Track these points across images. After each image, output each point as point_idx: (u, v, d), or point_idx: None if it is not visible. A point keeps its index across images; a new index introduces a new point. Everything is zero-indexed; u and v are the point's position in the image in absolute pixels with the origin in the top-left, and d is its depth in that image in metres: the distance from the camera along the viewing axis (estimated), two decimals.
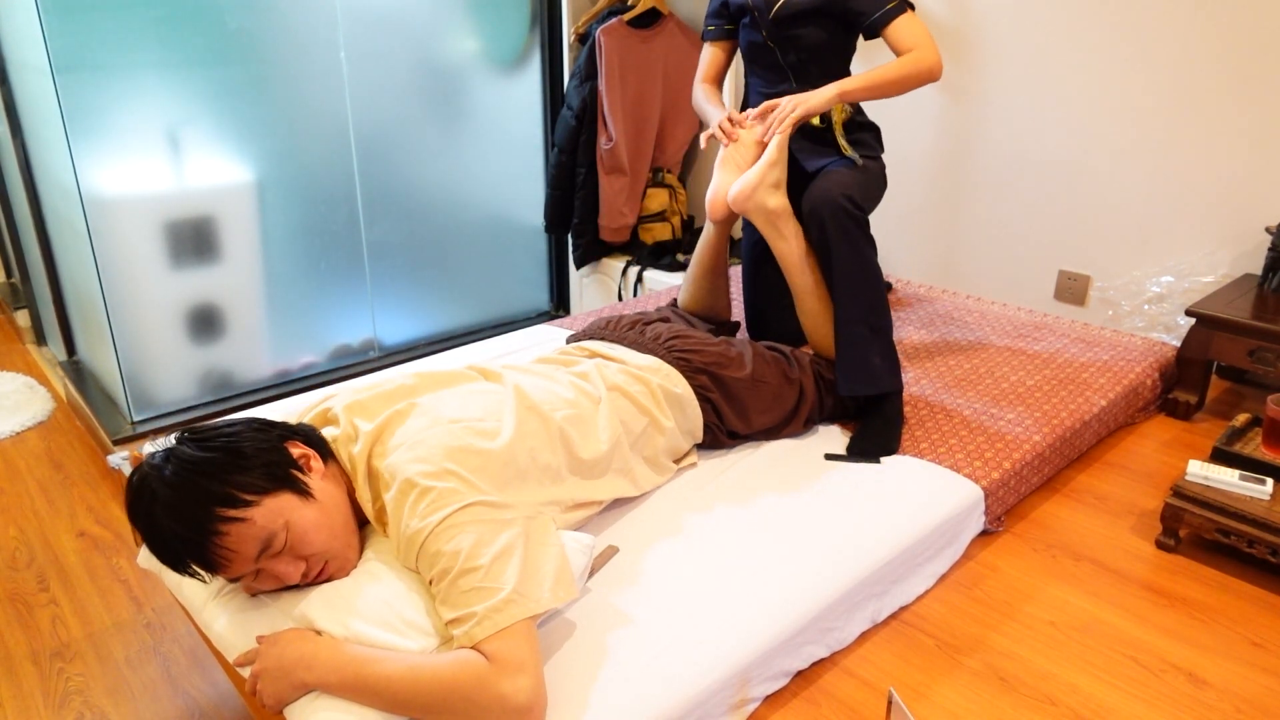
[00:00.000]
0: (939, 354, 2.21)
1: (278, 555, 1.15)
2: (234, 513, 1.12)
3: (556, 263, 3.65)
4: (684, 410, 1.62)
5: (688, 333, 1.74)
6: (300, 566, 1.17)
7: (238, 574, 1.16)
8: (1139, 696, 1.29)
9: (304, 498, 1.17)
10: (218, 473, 1.13)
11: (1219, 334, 2.04)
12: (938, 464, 1.69)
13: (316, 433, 1.29)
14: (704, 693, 1.15)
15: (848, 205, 1.73)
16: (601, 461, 1.43)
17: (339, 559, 1.20)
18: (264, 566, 1.16)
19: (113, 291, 2.52)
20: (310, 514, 1.17)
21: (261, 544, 1.13)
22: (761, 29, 1.93)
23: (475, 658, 1.03)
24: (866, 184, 1.87)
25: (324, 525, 1.18)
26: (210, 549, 1.12)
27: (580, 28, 3.27)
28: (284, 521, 1.14)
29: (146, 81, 2.46)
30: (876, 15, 1.84)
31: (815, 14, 1.88)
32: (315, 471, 1.22)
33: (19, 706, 1.64)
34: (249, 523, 1.12)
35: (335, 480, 1.25)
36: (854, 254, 1.75)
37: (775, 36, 1.92)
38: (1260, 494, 1.57)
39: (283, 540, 1.14)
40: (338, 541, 1.20)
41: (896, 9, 1.83)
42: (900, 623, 1.44)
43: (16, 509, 2.29)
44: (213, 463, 1.14)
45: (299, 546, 1.16)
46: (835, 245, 1.75)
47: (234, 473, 1.14)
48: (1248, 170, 2.21)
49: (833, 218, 1.73)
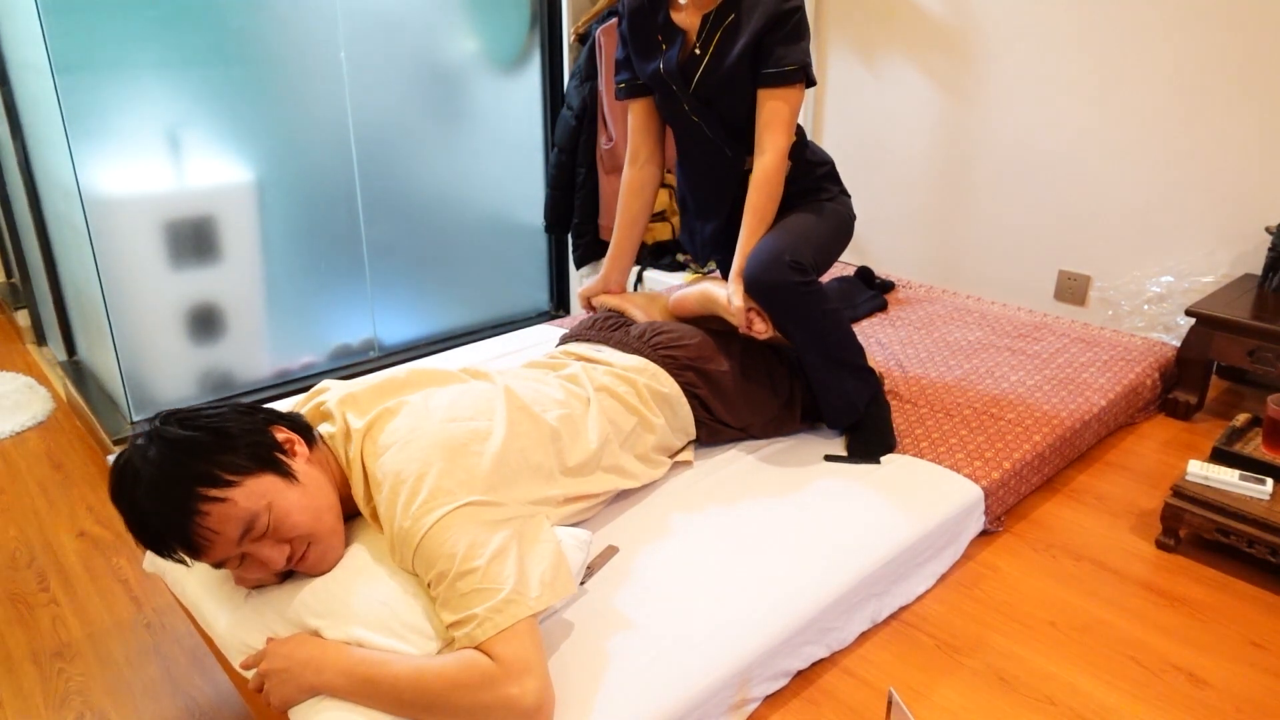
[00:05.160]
0: (939, 354, 2.21)
1: (261, 538, 1.14)
2: (216, 492, 1.11)
3: (556, 263, 3.65)
4: (673, 408, 1.61)
5: (671, 327, 1.72)
6: (284, 550, 1.16)
7: (221, 557, 1.15)
8: (1139, 696, 1.29)
9: (287, 480, 1.17)
10: (201, 452, 1.12)
11: (1219, 334, 2.03)
12: (938, 464, 1.69)
13: (302, 419, 1.29)
14: (704, 693, 1.15)
15: (788, 273, 1.55)
16: (591, 461, 1.43)
17: (323, 544, 1.19)
18: (248, 550, 1.15)
19: (113, 291, 2.52)
20: (293, 496, 1.16)
21: (244, 525, 1.12)
22: (682, 103, 1.71)
23: (481, 659, 1.03)
24: (818, 235, 1.68)
25: (307, 508, 1.17)
26: (192, 529, 1.10)
27: (580, 28, 3.27)
28: (266, 503, 1.13)
29: (147, 81, 2.46)
30: (770, 72, 1.61)
31: (739, 70, 1.63)
32: (300, 456, 1.22)
33: (19, 706, 1.64)
34: (230, 503, 1.11)
35: (321, 466, 1.24)
36: (807, 319, 1.61)
37: (701, 111, 1.70)
38: (1260, 494, 1.57)
39: (265, 522, 1.13)
40: (321, 525, 1.19)
41: (793, 74, 1.61)
42: (900, 623, 1.44)
43: (16, 509, 2.29)
44: (196, 442, 1.13)
45: (282, 529, 1.15)
46: (780, 321, 1.62)
47: (217, 452, 1.13)
48: (1248, 170, 2.21)
49: (773, 293, 1.57)
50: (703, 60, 1.65)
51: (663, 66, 1.69)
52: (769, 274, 1.56)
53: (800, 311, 1.60)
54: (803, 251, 1.59)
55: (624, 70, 1.79)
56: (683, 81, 1.68)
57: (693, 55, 1.66)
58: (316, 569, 1.20)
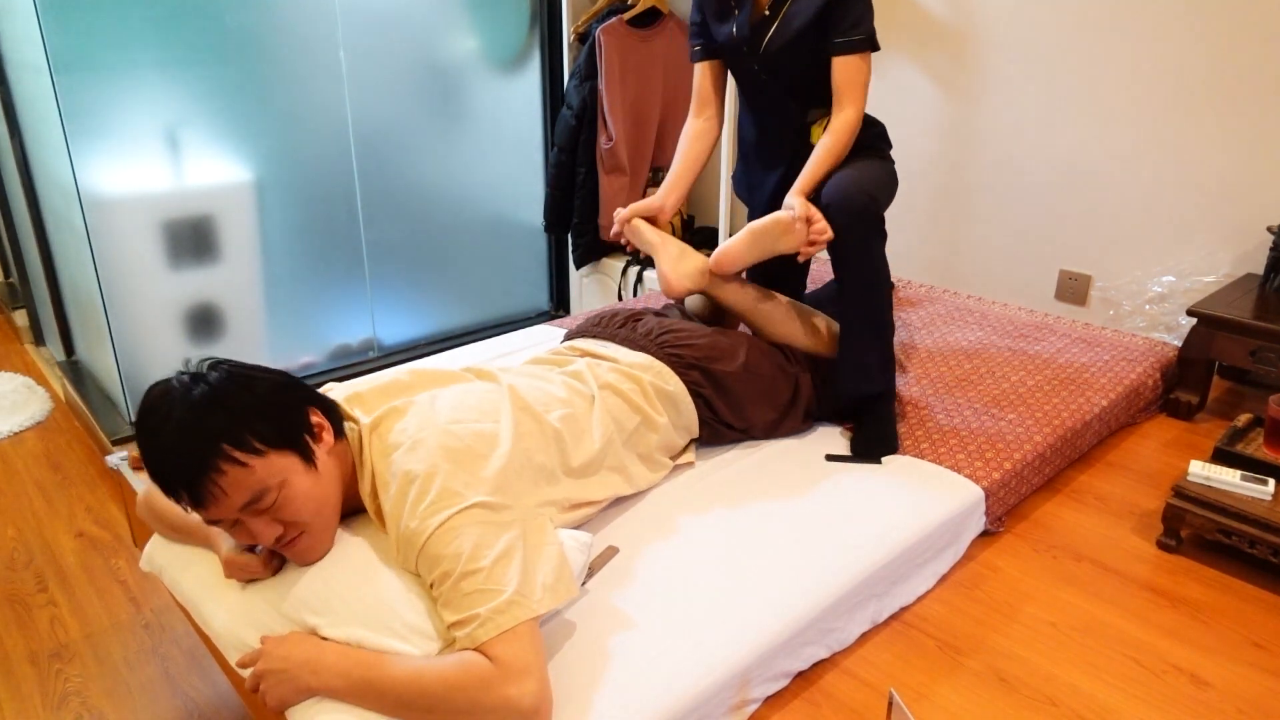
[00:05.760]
0: (940, 354, 2.20)
1: (261, 512, 1.14)
2: (240, 455, 1.10)
3: (556, 263, 3.65)
4: (677, 407, 1.61)
5: (679, 326, 1.72)
6: (276, 530, 1.16)
7: (218, 517, 1.14)
8: (1140, 697, 1.29)
9: (307, 465, 1.17)
10: (239, 411, 1.12)
11: (1220, 334, 2.03)
12: (938, 464, 1.68)
13: (337, 408, 1.28)
14: (704, 694, 1.15)
15: (869, 204, 1.68)
16: (595, 461, 1.43)
17: (314, 536, 1.19)
18: (243, 519, 1.14)
19: (111, 291, 2.52)
20: (306, 482, 1.16)
21: (253, 495, 1.12)
22: (753, 62, 1.87)
23: (480, 661, 1.03)
24: (883, 179, 1.83)
25: (314, 497, 1.17)
26: (203, 482, 1.10)
27: (580, 27, 3.27)
28: (280, 480, 1.13)
29: (145, 80, 2.45)
30: (845, 39, 1.77)
31: (806, 35, 1.80)
32: (325, 444, 1.21)
33: (17, 708, 1.63)
34: (249, 470, 1.11)
35: (339, 459, 1.24)
36: (868, 257, 1.71)
37: (770, 69, 1.86)
38: (1262, 494, 1.57)
39: (272, 499, 1.13)
40: (320, 519, 1.19)
41: (865, 44, 1.76)
42: (901, 623, 1.44)
43: (15, 509, 2.28)
44: (238, 400, 1.13)
45: (284, 510, 1.14)
46: (852, 247, 1.70)
47: (254, 418, 1.13)
48: (1249, 170, 2.21)
49: (852, 218, 1.67)
50: (772, 24, 1.81)
51: (735, 30, 1.85)
52: (854, 201, 1.67)
53: (865, 246, 1.70)
54: (877, 191, 1.71)
55: (699, 37, 1.96)
56: (753, 43, 1.84)
57: (763, 19, 1.82)
58: (302, 558, 1.20)
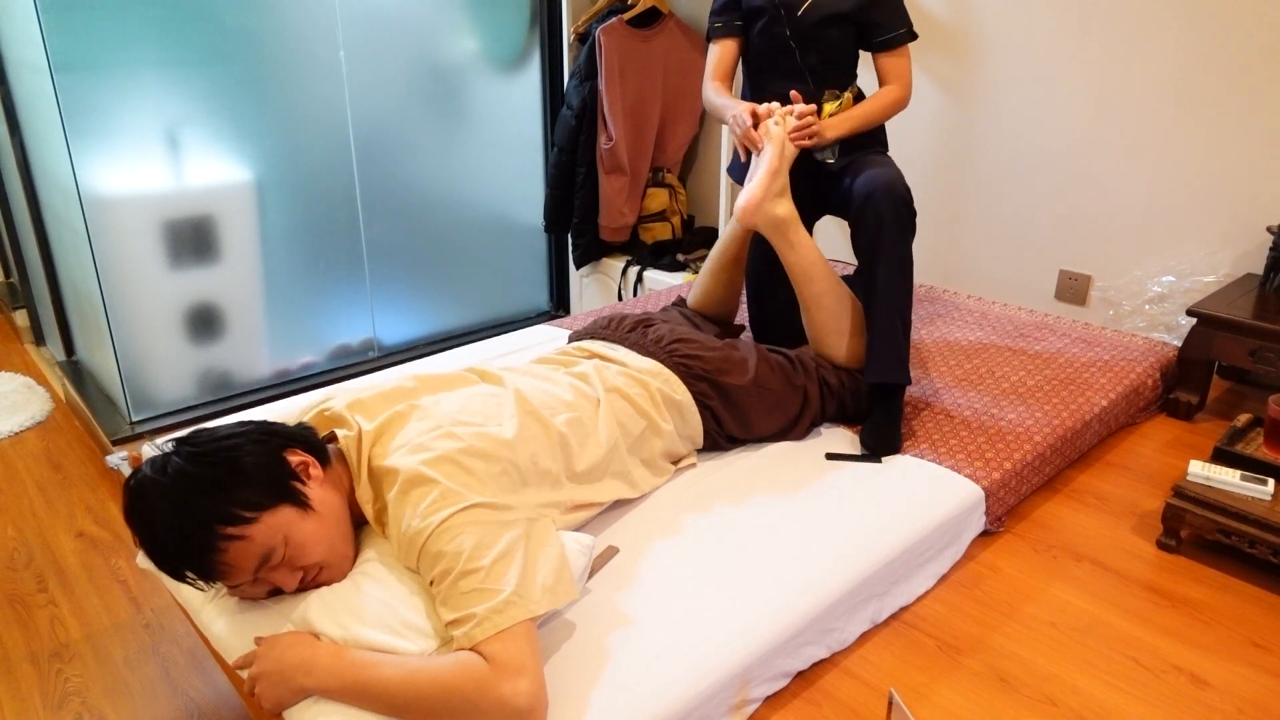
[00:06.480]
0: (940, 354, 2.20)
1: (276, 567, 1.17)
2: (234, 530, 1.12)
3: (556, 263, 3.65)
4: (684, 416, 1.61)
5: (690, 335, 1.72)
6: (298, 575, 1.19)
7: (235, 583, 1.18)
8: (1140, 697, 1.29)
9: (303, 510, 1.18)
10: (217, 491, 1.13)
11: (1220, 334, 2.03)
12: (938, 464, 1.68)
13: (315, 436, 1.29)
14: (704, 694, 1.15)
15: (907, 194, 1.76)
16: (599, 466, 1.43)
17: (335, 567, 1.21)
18: (262, 576, 1.18)
19: (111, 291, 2.52)
20: (309, 527, 1.18)
21: (260, 558, 1.15)
22: (785, 27, 1.93)
23: (475, 660, 1.03)
24: None
25: (323, 538, 1.19)
26: (208, 563, 1.13)
27: (580, 27, 3.27)
28: (283, 536, 1.15)
29: (145, 80, 2.45)
30: (890, 35, 1.92)
31: (841, 18, 1.91)
32: (314, 479, 1.22)
33: (17, 707, 1.63)
34: (248, 540, 1.13)
35: (334, 485, 1.25)
36: (903, 246, 1.77)
37: (799, 37, 1.93)
38: (1262, 494, 1.57)
39: (281, 554, 1.16)
40: (335, 553, 1.21)
41: (907, 35, 1.93)
42: (901, 623, 1.44)
43: (15, 509, 2.28)
44: (213, 480, 1.14)
45: (297, 558, 1.17)
46: (890, 236, 1.75)
47: (234, 489, 1.14)
48: (1249, 169, 2.21)
49: (894, 209, 1.74)
50: None
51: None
52: (896, 190, 1.75)
53: (902, 237, 1.76)
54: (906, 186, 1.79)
55: (724, 13, 2.01)
56: (790, 9, 1.91)
57: None
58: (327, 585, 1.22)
